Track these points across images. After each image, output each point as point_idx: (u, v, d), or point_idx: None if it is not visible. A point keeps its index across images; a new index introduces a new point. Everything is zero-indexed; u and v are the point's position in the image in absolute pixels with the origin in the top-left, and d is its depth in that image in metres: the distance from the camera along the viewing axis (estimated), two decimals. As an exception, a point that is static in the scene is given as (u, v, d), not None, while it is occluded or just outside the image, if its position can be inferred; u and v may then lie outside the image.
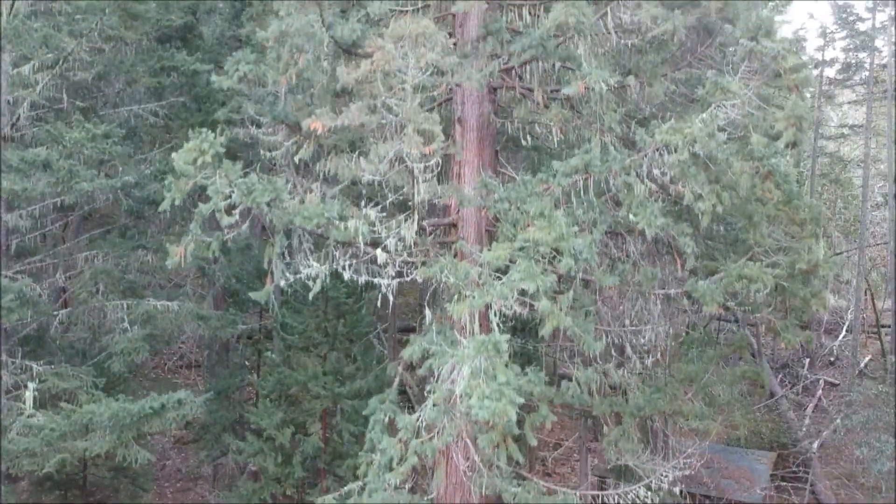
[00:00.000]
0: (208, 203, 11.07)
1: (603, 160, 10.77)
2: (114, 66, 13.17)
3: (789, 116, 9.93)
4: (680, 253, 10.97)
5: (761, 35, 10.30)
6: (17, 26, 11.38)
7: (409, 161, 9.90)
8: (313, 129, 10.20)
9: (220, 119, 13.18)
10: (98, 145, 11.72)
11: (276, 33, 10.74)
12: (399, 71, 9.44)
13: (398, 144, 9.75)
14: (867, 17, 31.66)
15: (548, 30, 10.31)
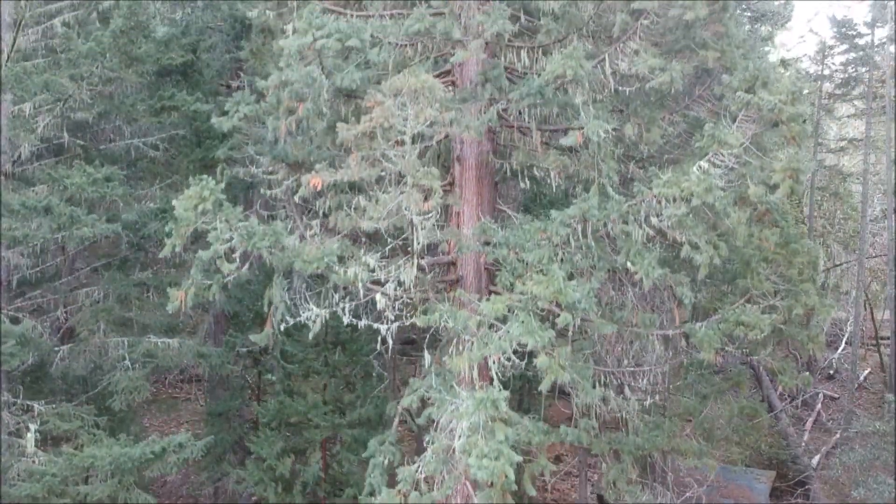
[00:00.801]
0: (209, 250, 11.14)
1: (601, 207, 10.82)
2: (114, 106, 13.23)
3: (786, 168, 9.99)
4: (678, 301, 11.03)
5: (758, 85, 10.36)
6: (18, 72, 11.44)
7: (408, 213, 9.95)
8: (313, 185, 10.25)
9: (221, 158, 13.21)
10: (99, 189, 11.78)
11: (276, 82, 10.80)
12: (398, 125, 9.49)
13: (398, 196, 9.81)
14: (866, 32, 31.72)
15: (546, 80, 10.37)
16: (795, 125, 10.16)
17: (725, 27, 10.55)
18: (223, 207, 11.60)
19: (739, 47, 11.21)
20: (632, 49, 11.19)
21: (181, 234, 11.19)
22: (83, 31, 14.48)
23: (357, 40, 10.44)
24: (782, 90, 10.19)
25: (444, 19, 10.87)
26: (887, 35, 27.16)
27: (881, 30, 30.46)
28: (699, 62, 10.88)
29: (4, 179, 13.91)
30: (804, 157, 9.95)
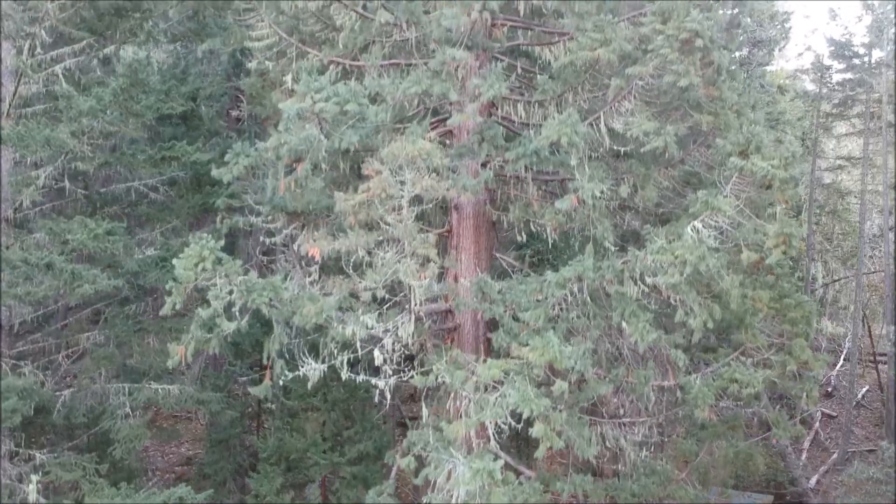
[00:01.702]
0: (208, 309, 11.27)
1: (596, 268, 10.95)
2: (115, 157, 13.37)
3: (779, 234, 10.12)
4: (672, 363, 11.16)
5: (752, 149, 10.50)
6: (20, 130, 11.57)
7: (406, 280, 10.08)
8: (311, 255, 10.38)
9: (220, 207, 13.33)
10: (101, 244, 11.91)
11: (276, 144, 10.93)
12: (395, 194, 9.62)
13: (395, 263, 9.94)
14: (863, 52, 31.89)
15: (541, 143, 10.50)
16: (788, 189, 10.29)
17: (719, 90, 10.68)
18: (223, 262, 11.74)
19: (736, 108, 11.36)
20: (626, 108, 11.33)
21: (181, 292, 11.31)
22: (85, 77, 14.64)
23: (355, 104, 10.56)
24: (775, 155, 10.32)
25: (442, 81, 11.00)
26: (885, 58, 27.27)
27: (877, 50, 30.63)
28: (693, 123, 11.01)
29: (5, 225, 14.07)
30: (796, 223, 10.04)
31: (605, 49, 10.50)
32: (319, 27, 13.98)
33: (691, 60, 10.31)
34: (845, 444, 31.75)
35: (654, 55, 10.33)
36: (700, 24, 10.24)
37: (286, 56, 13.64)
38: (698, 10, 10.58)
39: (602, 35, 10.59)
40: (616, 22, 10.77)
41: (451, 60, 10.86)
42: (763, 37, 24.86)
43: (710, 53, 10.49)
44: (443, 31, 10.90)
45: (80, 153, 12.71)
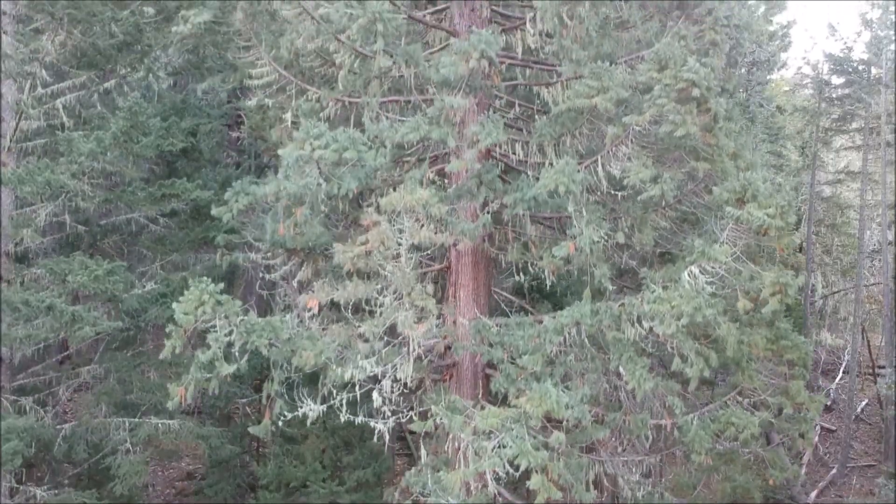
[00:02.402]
0: (208, 352, 11.34)
1: (594, 312, 11.01)
2: (115, 195, 13.43)
3: (775, 283, 10.18)
4: (670, 409, 11.22)
5: (748, 197, 10.55)
6: (21, 174, 11.64)
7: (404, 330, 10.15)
8: (310, 306, 10.45)
9: (220, 244, 13.40)
10: (101, 285, 11.97)
11: (275, 191, 10.99)
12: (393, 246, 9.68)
13: (394, 312, 10.01)
14: (862, 68, 31.95)
15: (538, 192, 10.57)
16: (785, 237, 10.35)
17: (716, 138, 10.73)
18: (222, 303, 11.80)
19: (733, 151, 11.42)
20: (624, 153, 11.39)
21: (181, 335, 11.38)
22: (85, 111, 14.71)
23: (354, 151, 10.61)
24: (771, 203, 10.37)
25: (440, 127, 11.06)
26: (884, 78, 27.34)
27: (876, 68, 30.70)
28: (690, 170, 11.07)
29: (5, 259, 14.14)
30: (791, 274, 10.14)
31: (603, 97, 10.55)
32: (319, 62, 14.04)
33: (688, 109, 10.36)
34: (844, 458, 31.81)
35: (651, 104, 10.38)
36: (697, 74, 10.30)
37: (286, 92, 13.70)
38: (695, 58, 10.65)
39: (599, 83, 10.64)
40: (613, 69, 10.79)
41: (449, 108, 10.92)
42: (762, 57, 24.92)
43: (707, 101, 10.54)
44: (441, 77, 10.96)
45: (81, 192, 12.77)
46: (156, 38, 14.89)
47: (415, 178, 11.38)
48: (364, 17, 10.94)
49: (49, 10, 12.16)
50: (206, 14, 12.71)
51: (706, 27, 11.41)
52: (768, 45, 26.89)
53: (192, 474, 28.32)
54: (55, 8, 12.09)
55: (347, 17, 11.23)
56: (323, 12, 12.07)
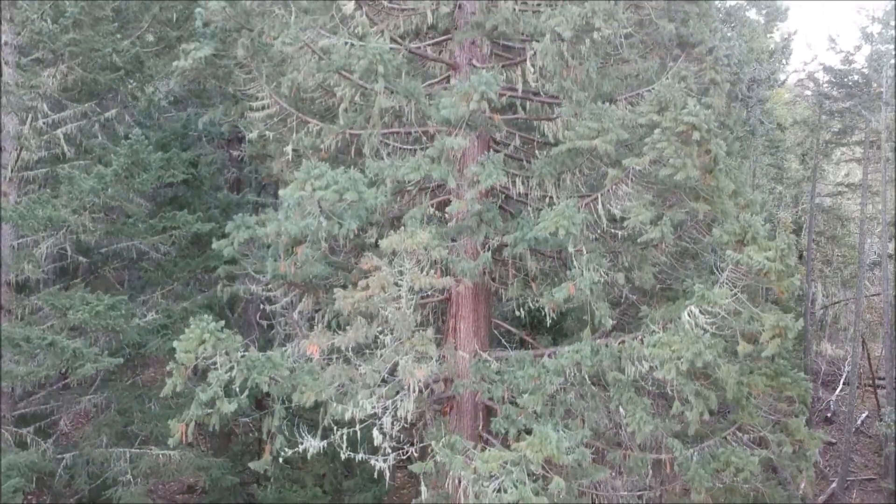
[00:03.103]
0: (209, 390, 11.36)
1: (594, 351, 11.04)
2: (116, 228, 13.46)
3: (775, 326, 10.20)
4: (669, 450, 11.24)
5: (748, 239, 10.57)
6: (22, 211, 11.67)
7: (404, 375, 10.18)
8: (311, 352, 10.47)
9: (221, 276, 13.43)
10: (102, 321, 12.00)
11: (276, 231, 11.02)
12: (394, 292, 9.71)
13: (394, 355, 10.03)
14: (862, 81, 31.95)
15: (538, 233, 10.59)
16: (785, 280, 10.36)
17: (716, 179, 10.75)
18: (224, 339, 11.82)
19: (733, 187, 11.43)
20: (624, 192, 11.41)
21: (181, 373, 11.40)
22: (86, 141, 14.74)
23: (354, 192, 10.63)
24: (772, 246, 10.39)
25: (441, 167, 11.08)
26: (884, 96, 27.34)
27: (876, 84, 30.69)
28: (690, 210, 11.09)
29: (6, 288, 14.17)
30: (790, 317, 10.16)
31: (603, 139, 10.58)
32: (320, 93, 14.05)
33: (688, 152, 10.38)
34: (845, 472, 31.78)
35: (651, 147, 10.40)
36: (697, 116, 10.31)
37: (286, 125, 13.72)
38: (695, 101, 10.68)
39: (599, 124, 10.66)
40: (613, 110, 10.81)
41: (450, 148, 10.94)
42: (761, 75, 24.91)
43: (707, 143, 10.56)
44: (442, 118, 10.98)
45: (82, 226, 12.80)
46: (156, 66, 14.90)
47: (415, 218, 11.41)
48: (365, 59, 10.96)
49: (50, 46, 12.18)
50: (206, 49, 12.73)
51: (706, 66, 11.43)
52: (769, 62, 26.87)
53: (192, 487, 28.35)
54: (56, 45, 12.11)
55: (348, 56, 11.26)
56: (325, 44, 12.07)
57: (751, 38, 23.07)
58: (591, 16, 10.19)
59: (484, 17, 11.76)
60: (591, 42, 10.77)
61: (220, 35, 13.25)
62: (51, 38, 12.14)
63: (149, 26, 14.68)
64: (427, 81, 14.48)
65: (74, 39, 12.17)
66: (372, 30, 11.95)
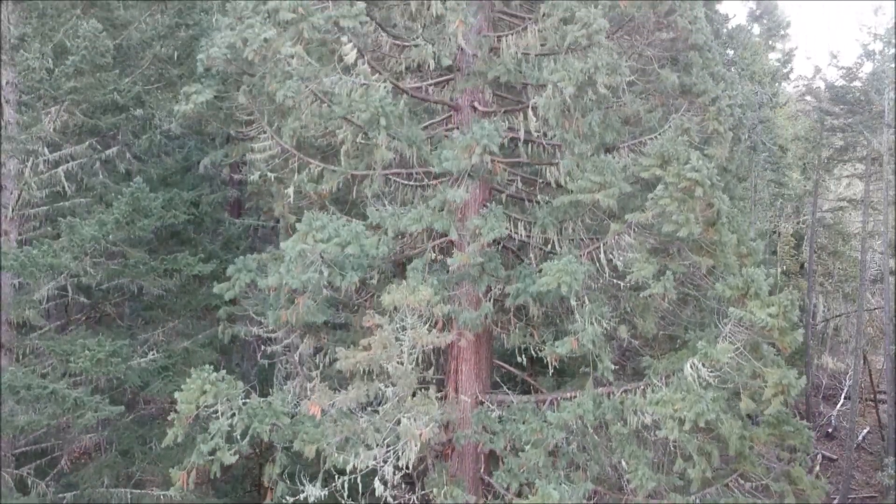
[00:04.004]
0: (210, 441, 11.34)
1: (596, 405, 11.01)
2: (117, 271, 13.42)
3: (777, 384, 10.17)
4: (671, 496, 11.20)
5: (751, 295, 10.54)
6: (23, 260, 11.64)
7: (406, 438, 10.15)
8: (312, 413, 10.45)
9: (222, 317, 13.40)
10: (103, 369, 11.98)
11: (277, 283, 11.00)
12: (395, 354, 9.68)
13: (396, 414, 10.01)
14: (863, 98, 31.91)
15: (539, 288, 10.56)
16: (787, 337, 10.33)
17: (719, 234, 10.72)
18: (224, 388, 11.80)
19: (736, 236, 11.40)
20: (626, 242, 11.38)
21: (183, 423, 11.38)
22: (87, 178, 14.70)
23: (356, 246, 10.61)
24: (775, 301, 10.36)
25: (443, 219, 11.05)
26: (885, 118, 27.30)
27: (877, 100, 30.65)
28: (692, 264, 11.06)
29: (6, 327, 14.14)
30: (793, 374, 10.14)
31: (605, 193, 10.54)
32: (321, 133, 14.02)
33: (690, 207, 10.35)
34: (846, 489, 31.75)
35: (654, 203, 10.37)
36: (699, 172, 10.28)
37: (288, 166, 13.68)
38: (698, 154, 10.64)
39: (601, 178, 10.63)
40: (616, 163, 10.77)
41: (451, 201, 10.91)
42: (763, 99, 24.87)
43: (710, 197, 10.53)
44: (443, 169, 10.95)
45: (83, 270, 12.78)
46: (157, 102, 14.87)
47: (417, 269, 11.38)
48: (367, 112, 10.93)
49: (51, 93, 12.15)
50: (207, 93, 12.69)
51: (709, 116, 11.39)
52: (770, 85, 26.84)
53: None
54: (58, 92, 12.08)
55: (350, 107, 11.22)
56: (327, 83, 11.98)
57: (752, 61, 23.02)
58: (594, 71, 10.15)
59: (486, 66, 11.72)
60: (594, 94, 10.73)
61: (221, 76, 13.20)
62: (52, 86, 12.10)
63: (149, 64, 14.62)
64: (429, 120, 14.47)
65: (75, 88, 12.13)
66: (373, 77, 11.89)
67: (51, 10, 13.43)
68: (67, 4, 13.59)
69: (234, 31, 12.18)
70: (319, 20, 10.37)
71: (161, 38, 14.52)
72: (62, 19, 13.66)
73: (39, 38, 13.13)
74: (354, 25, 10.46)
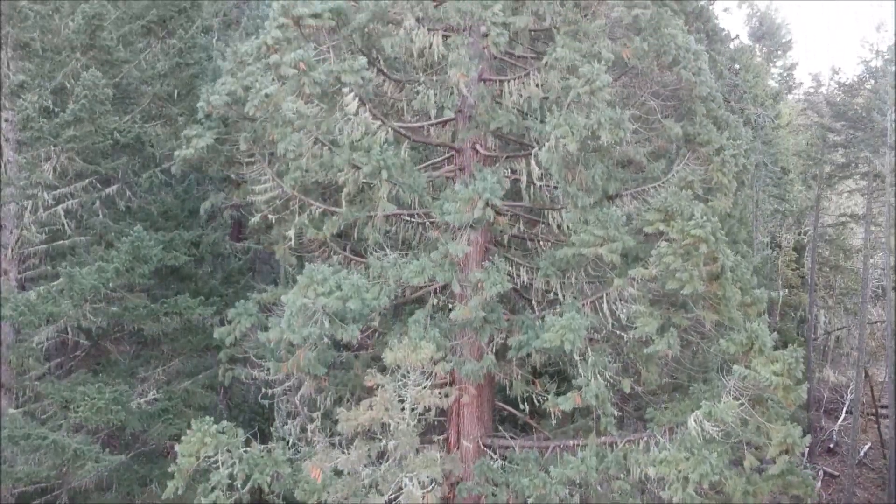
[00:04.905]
0: (210, 496, 11.28)
1: (599, 459, 10.95)
2: (118, 313, 13.35)
3: (782, 442, 10.11)
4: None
5: (755, 352, 10.47)
6: (22, 309, 11.57)
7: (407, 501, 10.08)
8: (313, 476, 10.38)
9: (223, 360, 13.33)
10: (103, 417, 11.91)
11: (277, 338, 10.93)
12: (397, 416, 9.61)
13: (398, 475, 9.95)
14: (865, 116, 31.86)
15: (542, 344, 10.49)
16: (792, 394, 10.25)
17: (723, 289, 10.65)
18: (224, 439, 11.74)
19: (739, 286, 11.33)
20: (630, 293, 11.30)
21: (183, 475, 11.33)
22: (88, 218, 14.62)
23: (357, 300, 10.54)
24: (779, 357, 10.29)
25: (445, 271, 10.98)
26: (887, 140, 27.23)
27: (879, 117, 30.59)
28: (694, 318, 11.00)
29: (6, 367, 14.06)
30: (798, 432, 10.07)
31: (608, 248, 10.47)
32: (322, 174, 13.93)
33: (695, 263, 10.28)
34: (848, 508, 31.68)
35: (657, 260, 10.30)
36: (703, 229, 10.21)
37: (288, 208, 13.60)
38: (701, 209, 10.57)
39: (605, 232, 10.55)
40: (619, 217, 10.69)
41: (453, 254, 10.84)
42: (765, 121, 24.79)
43: (714, 252, 10.46)
44: (445, 221, 10.88)
45: (83, 316, 12.72)
46: (157, 141, 14.79)
47: (419, 322, 11.31)
48: (369, 165, 10.86)
49: (51, 140, 12.08)
50: (207, 138, 12.61)
51: (714, 168, 11.31)
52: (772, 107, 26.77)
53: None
54: (58, 139, 12.01)
55: (352, 157, 11.16)
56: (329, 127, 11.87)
57: (754, 83, 22.95)
58: (598, 127, 10.07)
59: (488, 117, 11.64)
60: (597, 147, 10.66)
61: (221, 118, 13.11)
62: (51, 133, 12.02)
63: (149, 102, 14.55)
64: (431, 160, 14.39)
65: (74, 136, 12.06)
66: (375, 125, 11.83)
67: (50, 51, 13.36)
68: (66, 43, 13.49)
69: (234, 77, 12.12)
70: (321, 75, 10.29)
71: (161, 77, 14.44)
72: (62, 57, 13.60)
73: (39, 79, 13.06)
74: (356, 80, 10.37)
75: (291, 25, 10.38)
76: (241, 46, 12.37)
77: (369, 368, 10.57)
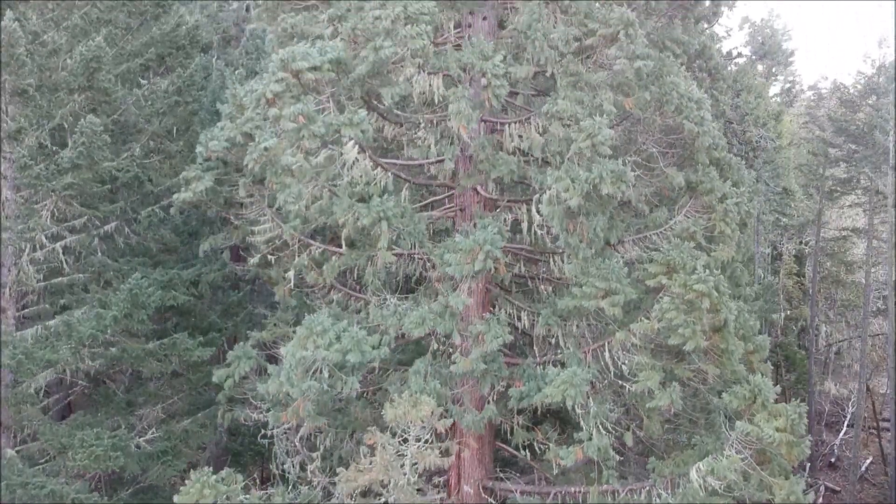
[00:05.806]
0: (210, 546, 11.23)
1: (601, 509, 10.88)
2: (116, 355, 13.28)
3: (784, 500, 10.03)
4: None
5: (758, 407, 10.40)
6: (20, 358, 11.50)
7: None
8: None
9: (222, 402, 13.26)
10: (101, 465, 11.85)
11: (276, 390, 10.86)
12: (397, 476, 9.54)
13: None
14: (867, 131, 31.78)
15: (544, 398, 10.43)
16: (795, 450, 10.18)
17: (726, 342, 10.57)
18: (225, 488, 11.66)
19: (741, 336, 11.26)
20: (632, 342, 11.22)
21: (183, 524, 11.26)
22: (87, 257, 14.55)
23: (357, 353, 10.47)
24: (782, 412, 10.22)
25: (445, 322, 10.90)
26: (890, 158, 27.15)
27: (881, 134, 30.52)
28: (696, 371, 10.92)
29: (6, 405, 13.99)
30: (800, 489, 9.99)
31: (610, 301, 10.39)
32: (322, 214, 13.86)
33: (697, 317, 10.21)
34: (849, 525, 31.59)
35: (659, 315, 10.22)
36: (706, 283, 10.14)
37: (289, 247, 13.53)
38: (704, 262, 10.49)
39: (606, 284, 10.48)
40: (621, 269, 10.61)
41: (454, 305, 10.76)
42: (765, 143, 24.73)
43: (717, 305, 10.38)
44: (447, 273, 10.80)
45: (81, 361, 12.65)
46: (156, 177, 14.72)
47: (419, 374, 11.25)
48: (369, 217, 10.78)
49: (49, 186, 12.01)
50: (206, 181, 12.55)
51: (717, 217, 11.23)
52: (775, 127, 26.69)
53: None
54: (56, 186, 11.94)
55: (351, 208, 11.08)
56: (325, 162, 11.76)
57: (756, 105, 22.86)
58: (599, 181, 9.99)
59: (488, 165, 11.56)
60: (599, 198, 10.57)
61: (220, 159, 13.04)
62: (48, 179, 11.96)
63: (148, 139, 14.48)
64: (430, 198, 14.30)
65: (71, 184, 11.99)
66: (375, 172, 11.74)
67: (48, 89, 13.28)
68: (63, 84, 13.41)
69: (234, 123, 12.04)
70: (320, 128, 10.20)
71: (161, 114, 14.36)
72: (60, 96, 13.52)
73: (37, 120, 12.98)
74: (356, 133, 10.29)
75: (291, 78, 10.28)
76: (240, 89, 12.27)
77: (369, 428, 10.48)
